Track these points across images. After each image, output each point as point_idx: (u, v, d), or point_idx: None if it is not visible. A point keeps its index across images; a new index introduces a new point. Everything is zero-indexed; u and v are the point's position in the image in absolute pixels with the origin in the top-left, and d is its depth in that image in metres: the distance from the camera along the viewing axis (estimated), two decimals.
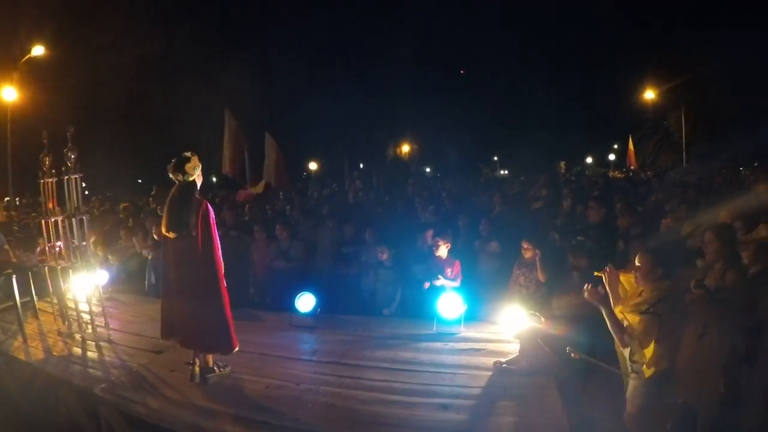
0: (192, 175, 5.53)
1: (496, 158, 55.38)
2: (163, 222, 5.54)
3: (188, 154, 5.57)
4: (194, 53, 42.74)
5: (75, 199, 7.37)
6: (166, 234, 5.52)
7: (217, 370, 5.76)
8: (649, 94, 36.48)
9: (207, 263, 5.50)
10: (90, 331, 7.22)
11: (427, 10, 63.44)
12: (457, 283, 7.57)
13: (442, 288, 7.46)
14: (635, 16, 46.79)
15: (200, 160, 5.66)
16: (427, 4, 67.60)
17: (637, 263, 5.08)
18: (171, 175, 5.53)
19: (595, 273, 5.51)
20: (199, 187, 5.62)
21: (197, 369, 5.61)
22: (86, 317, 7.34)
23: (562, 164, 45.62)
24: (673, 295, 4.95)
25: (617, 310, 5.11)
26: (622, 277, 5.49)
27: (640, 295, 5.06)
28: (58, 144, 7.22)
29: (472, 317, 7.10)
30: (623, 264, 5.84)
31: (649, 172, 27.81)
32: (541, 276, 6.71)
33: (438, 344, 6.58)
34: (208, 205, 5.57)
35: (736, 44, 32.81)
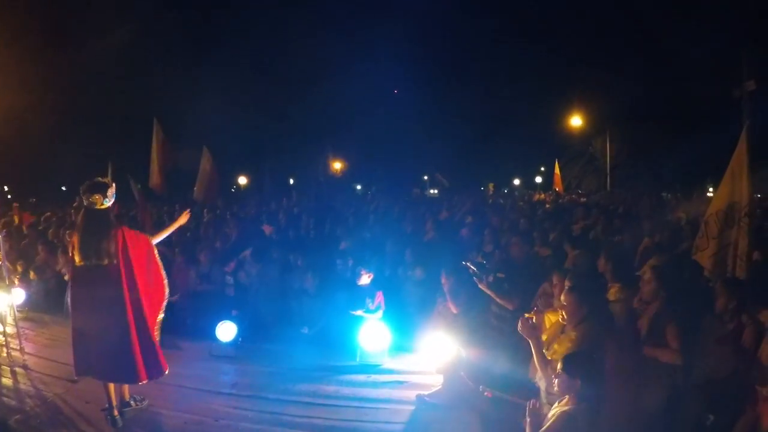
0: (108, 201, 5.39)
1: (426, 177, 55.86)
2: (77, 250, 5.33)
3: (106, 180, 5.46)
4: (128, 61, 41.77)
5: None
6: (82, 262, 5.33)
7: (133, 404, 5.65)
8: (576, 120, 37.50)
9: (131, 290, 5.34)
10: (5, 355, 7.05)
11: (359, 29, 63.94)
12: (378, 315, 7.49)
13: (364, 318, 7.44)
14: (564, 43, 48.37)
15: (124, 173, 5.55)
16: (361, 22, 68.20)
17: (562, 301, 5.04)
18: (84, 200, 5.34)
19: (525, 314, 5.45)
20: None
21: (116, 413, 5.42)
22: (0, 338, 7.18)
23: (491, 186, 46.44)
24: (596, 337, 5.01)
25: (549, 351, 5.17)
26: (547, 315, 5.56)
27: (564, 332, 5.11)
28: None
29: (396, 347, 7.17)
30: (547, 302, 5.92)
31: (573, 195, 28.52)
32: (452, 308, 6.61)
33: (361, 377, 6.63)
34: (125, 230, 5.41)
35: (661, 73, 34.30)
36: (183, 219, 6.32)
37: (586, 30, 43.69)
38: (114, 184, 5.51)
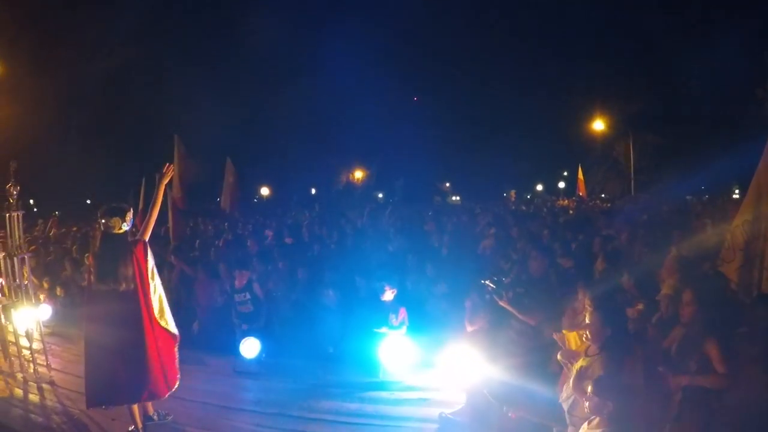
0: (127, 225, 5.43)
1: (448, 184, 55.72)
2: (94, 274, 5.40)
3: (125, 204, 5.53)
4: (152, 76, 42.42)
5: (17, 237, 7.24)
6: (99, 286, 5.37)
7: (155, 418, 5.72)
8: (598, 124, 37.18)
9: (149, 311, 5.41)
10: (32, 371, 7.15)
11: (378, 35, 63.86)
12: (402, 331, 7.38)
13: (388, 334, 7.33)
14: (586, 48, 48.01)
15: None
16: (378, 28, 68.11)
17: (587, 320, 4.93)
18: (103, 222, 5.39)
19: (554, 334, 5.33)
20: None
21: None
22: (27, 353, 7.28)
23: (513, 193, 46.25)
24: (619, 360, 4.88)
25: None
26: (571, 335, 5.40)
27: (587, 353, 5.00)
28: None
29: (419, 363, 7.07)
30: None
31: (597, 201, 28.29)
32: (467, 325, 6.40)
33: (384, 394, 6.61)
34: (139, 253, 5.42)
35: (685, 74, 33.96)
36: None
37: (607, 34, 43.32)
38: (132, 209, 5.58)
